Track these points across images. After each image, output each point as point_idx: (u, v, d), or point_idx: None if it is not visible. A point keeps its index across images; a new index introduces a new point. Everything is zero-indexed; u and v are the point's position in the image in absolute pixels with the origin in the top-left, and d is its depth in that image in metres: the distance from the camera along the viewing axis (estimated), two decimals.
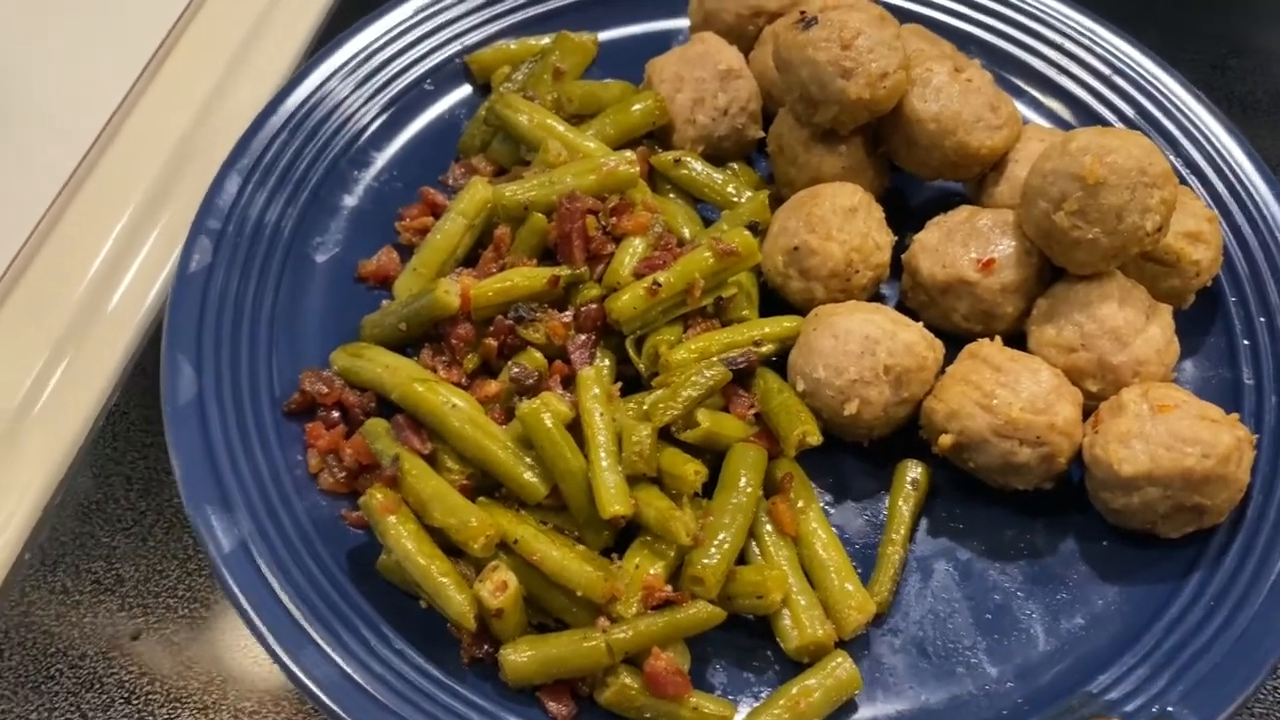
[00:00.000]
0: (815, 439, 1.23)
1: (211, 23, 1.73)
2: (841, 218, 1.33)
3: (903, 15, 1.62)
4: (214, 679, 1.21)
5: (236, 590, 1.11)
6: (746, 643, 1.19)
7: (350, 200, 1.48)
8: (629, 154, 1.38)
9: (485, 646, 1.14)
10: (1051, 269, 1.32)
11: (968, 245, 1.32)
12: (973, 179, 1.43)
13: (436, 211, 1.45)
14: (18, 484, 1.32)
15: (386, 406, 1.27)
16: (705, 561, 1.13)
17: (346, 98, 1.53)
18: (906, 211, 1.51)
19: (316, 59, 1.54)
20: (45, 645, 1.22)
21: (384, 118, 1.54)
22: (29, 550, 1.28)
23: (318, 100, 1.51)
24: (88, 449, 1.36)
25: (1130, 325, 1.26)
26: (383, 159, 1.53)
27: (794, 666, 1.17)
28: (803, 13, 1.35)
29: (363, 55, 1.56)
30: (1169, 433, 1.17)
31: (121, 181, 1.55)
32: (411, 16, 1.61)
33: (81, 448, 1.36)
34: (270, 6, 1.75)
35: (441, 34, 1.61)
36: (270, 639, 1.09)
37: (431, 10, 1.61)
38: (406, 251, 1.43)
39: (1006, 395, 1.20)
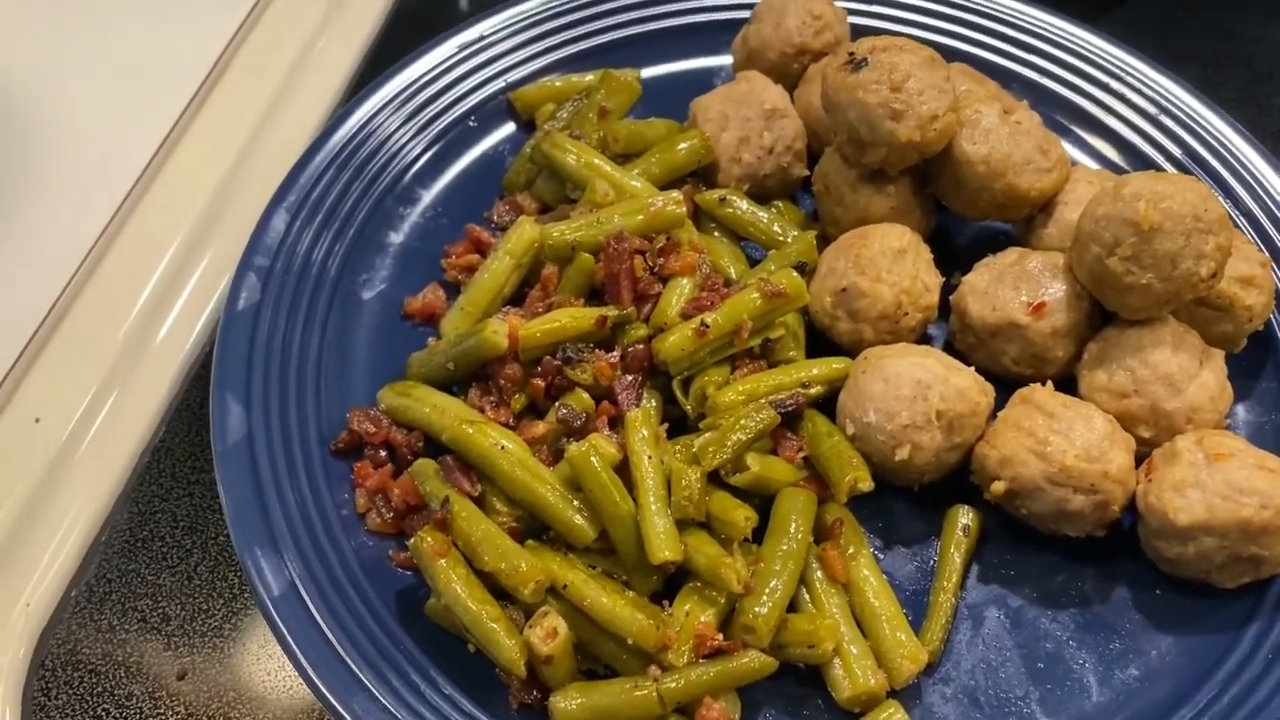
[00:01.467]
0: (867, 485, 1.22)
1: (254, 60, 1.74)
2: (891, 259, 1.32)
3: (948, 54, 1.61)
4: None
5: (287, 635, 1.11)
6: (796, 691, 1.18)
7: (396, 237, 1.49)
8: (676, 194, 1.39)
9: (535, 693, 1.14)
10: (1102, 313, 1.31)
11: (1018, 288, 1.32)
12: (1021, 220, 1.43)
13: (482, 249, 1.45)
14: (65, 520, 1.32)
15: (433, 446, 1.27)
16: (757, 610, 1.12)
17: (392, 134, 1.53)
18: (953, 251, 1.50)
19: (362, 95, 1.55)
20: (92, 684, 1.22)
21: (429, 154, 1.55)
22: (75, 587, 1.29)
23: (364, 137, 1.52)
24: (133, 485, 1.37)
25: (1184, 371, 1.25)
26: (428, 196, 1.53)
27: (844, 715, 1.16)
28: (852, 54, 1.35)
29: (407, 92, 1.57)
30: (1225, 482, 1.15)
31: (166, 218, 1.56)
32: (456, 53, 1.62)
33: (127, 484, 1.36)
34: (311, 43, 1.76)
35: (485, 71, 1.62)
36: (320, 685, 1.09)
37: (475, 47, 1.62)
38: (452, 288, 1.43)
39: (1060, 442, 1.19)
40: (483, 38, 1.64)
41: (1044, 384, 1.27)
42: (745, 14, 1.63)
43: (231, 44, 1.72)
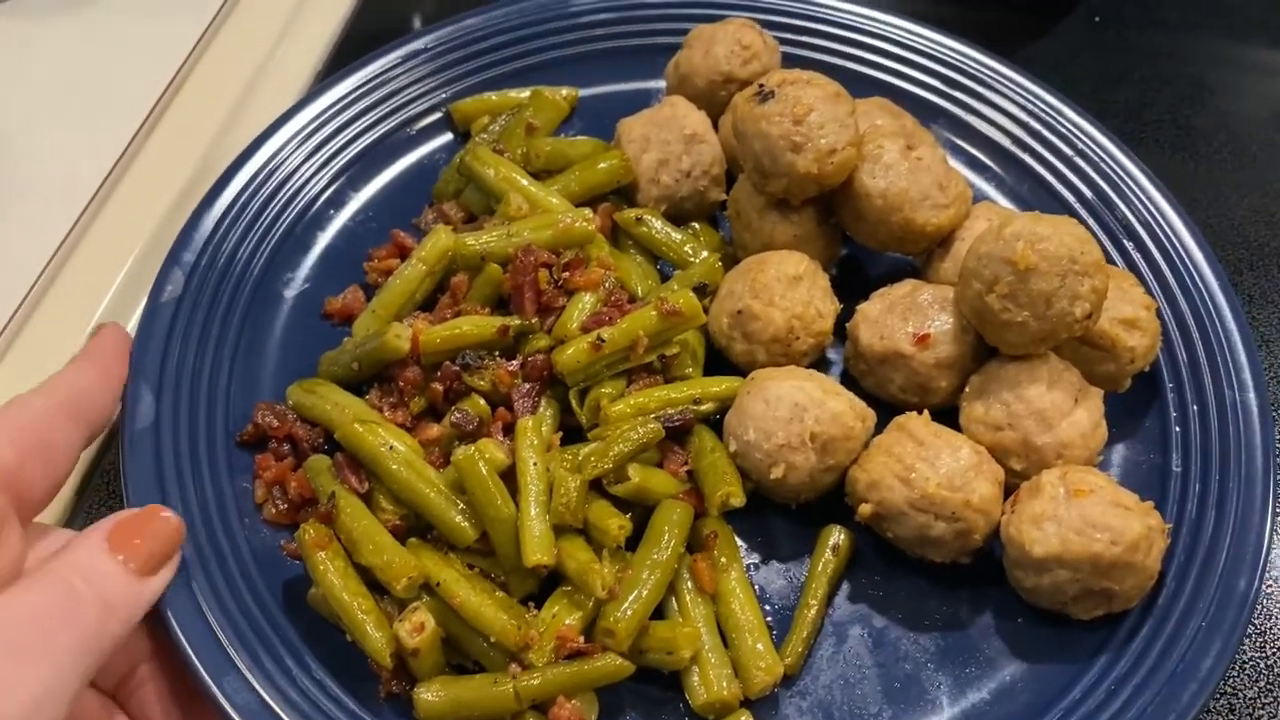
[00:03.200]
0: (738, 500, 1.27)
1: (209, 76, 1.77)
2: (785, 285, 1.36)
3: (874, 86, 1.67)
4: None
5: (169, 613, 1.16)
6: (659, 695, 1.22)
7: (324, 238, 1.54)
8: (587, 211, 1.44)
9: (403, 683, 1.19)
10: (987, 346, 1.35)
11: (906, 319, 1.36)
12: (920, 254, 1.47)
13: (405, 254, 1.50)
14: None
15: (335, 443, 1.32)
16: (617, 615, 1.17)
17: (329, 139, 1.59)
18: (863, 280, 1.55)
19: (301, 103, 1.61)
20: None
21: (363, 162, 1.60)
22: None
23: (300, 140, 1.57)
24: (86, 500, 1.41)
25: (1057, 408, 1.28)
26: (360, 200, 1.58)
27: None
28: (761, 85, 1.39)
29: (350, 99, 1.62)
30: (1081, 517, 1.19)
31: (121, 236, 1.58)
32: (400, 63, 1.67)
33: (80, 500, 1.40)
34: (267, 59, 1.79)
35: (427, 82, 1.67)
36: (197, 664, 1.14)
37: (420, 59, 1.68)
38: (372, 291, 1.48)
39: (925, 469, 1.23)
40: (427, 49, 1.69)
41: (920, 412, 1.31)
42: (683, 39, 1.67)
43: (187, 61, 1.75)
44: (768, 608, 1.28)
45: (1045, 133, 1.62)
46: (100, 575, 1.05)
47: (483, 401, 1.33)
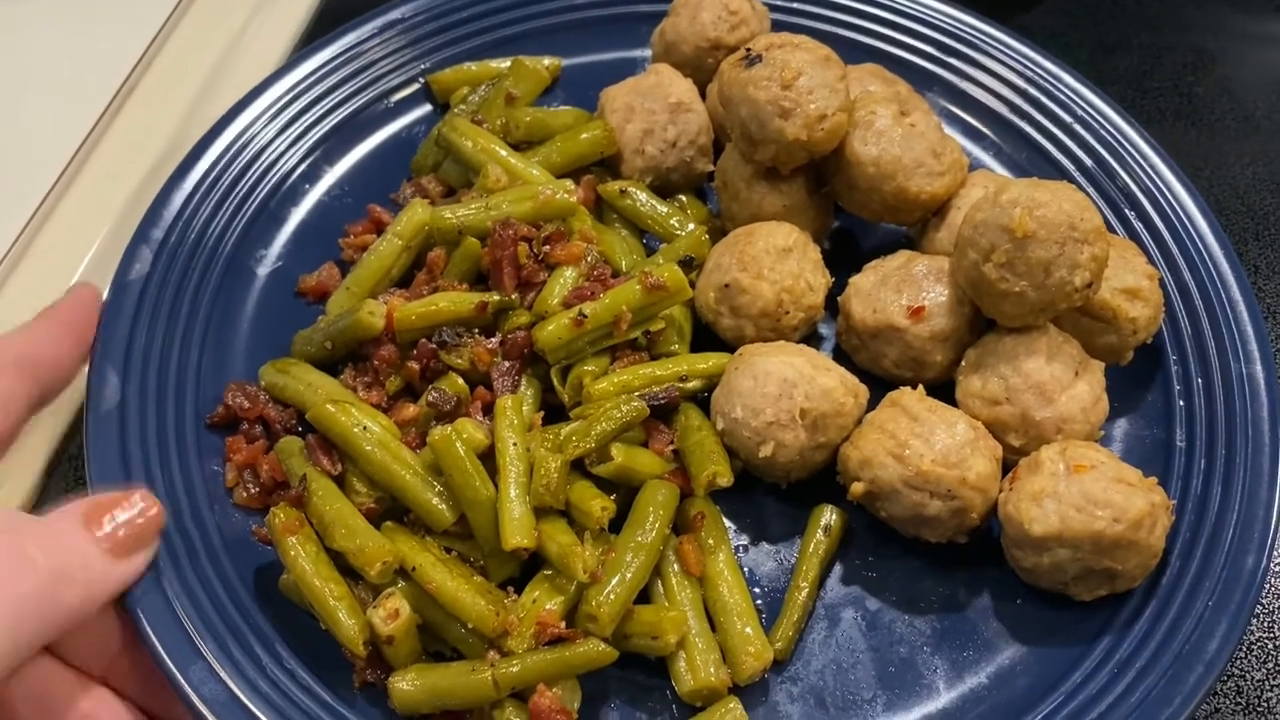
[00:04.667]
0: (725, 480, 1.22)
1: (179, 55, 1.72)
2: (774, 257, 1.32)
3: (864, 52, 1.62)
4: None
5: (134, 601, 1.11)
6: (644, 682, 1.18)
7: (298, 214, 1.49)
8: (568, 183, 1.39)
9: (378, 672, 1.14)
10: (984, 318, 1.31)
11: (900, 291, 1.31)
12: (914, 224, 1.42)
13: (381, 229, 1.46)
14: None
15: (308, 424, 1.28)
16: (600, 599, 1.13)
17: (302, 112, 1.54)
18: (855, 252, 1.51)
19: (274, 76, 1.56)
20: None
21: (339, 135, 1.55)
22: None
23: (272, 114, 1.52)
24: (50, 489, 1.36)
25: (1056, 381, 1.24)
26: (335, 174, 1.54)
27: (690, 709, 1.16)
28: (748, 50, 1.34)
29: (325, 71, 1.57)
30: (1082, 494, 1.15)
31: (87, 218, 1.53)
32: (376, 33, 1.62)
33: (47, 488, 1.36)
34: (238, 36, 1.73)
35: (405, 53, 1.62)
36: (162, 653, 1.10)
37: (397, 29, 1.62)
38: (348, 268, 1.43)
39: (919, 446, 1.19)
40: (405, 19, 1.64)
41: (915, 387, 1.26)
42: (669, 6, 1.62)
43: (159, 34, 1.69)
44: (757, 590, 1.24)
45: (1044, 99, 1.57)
46: (63, 547, 1.02)
47: (461, 380, 1.28)
